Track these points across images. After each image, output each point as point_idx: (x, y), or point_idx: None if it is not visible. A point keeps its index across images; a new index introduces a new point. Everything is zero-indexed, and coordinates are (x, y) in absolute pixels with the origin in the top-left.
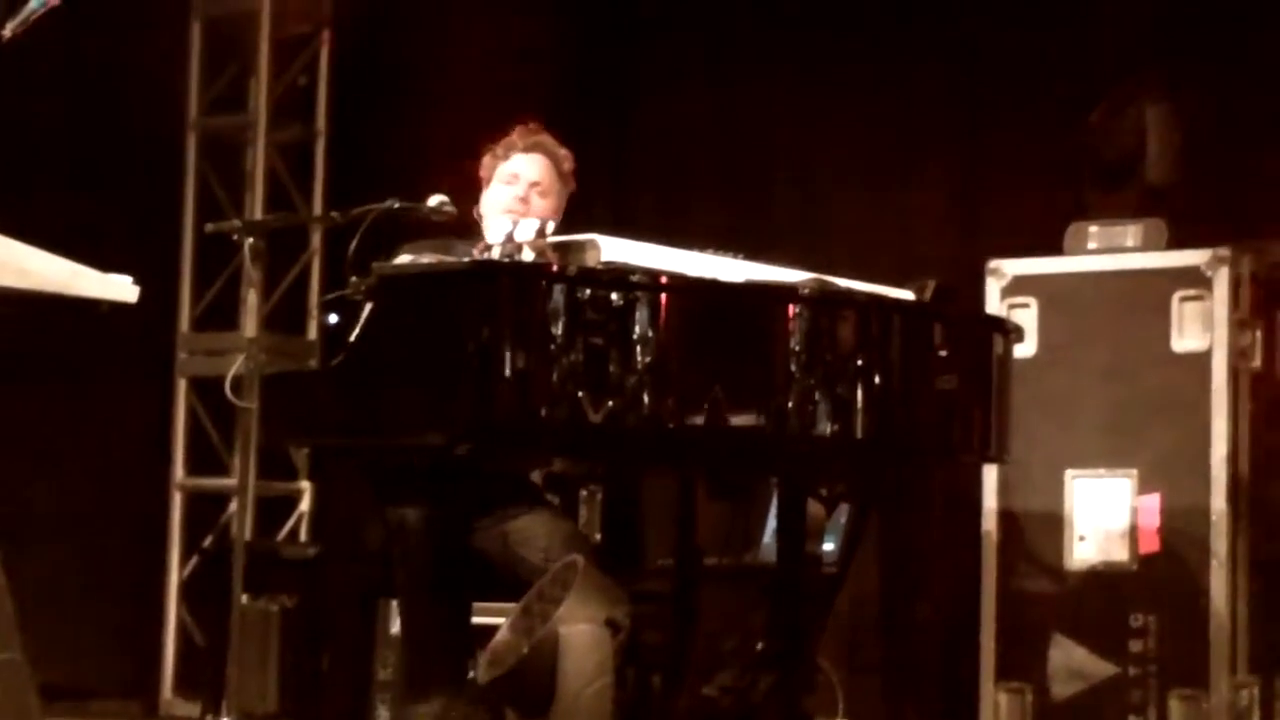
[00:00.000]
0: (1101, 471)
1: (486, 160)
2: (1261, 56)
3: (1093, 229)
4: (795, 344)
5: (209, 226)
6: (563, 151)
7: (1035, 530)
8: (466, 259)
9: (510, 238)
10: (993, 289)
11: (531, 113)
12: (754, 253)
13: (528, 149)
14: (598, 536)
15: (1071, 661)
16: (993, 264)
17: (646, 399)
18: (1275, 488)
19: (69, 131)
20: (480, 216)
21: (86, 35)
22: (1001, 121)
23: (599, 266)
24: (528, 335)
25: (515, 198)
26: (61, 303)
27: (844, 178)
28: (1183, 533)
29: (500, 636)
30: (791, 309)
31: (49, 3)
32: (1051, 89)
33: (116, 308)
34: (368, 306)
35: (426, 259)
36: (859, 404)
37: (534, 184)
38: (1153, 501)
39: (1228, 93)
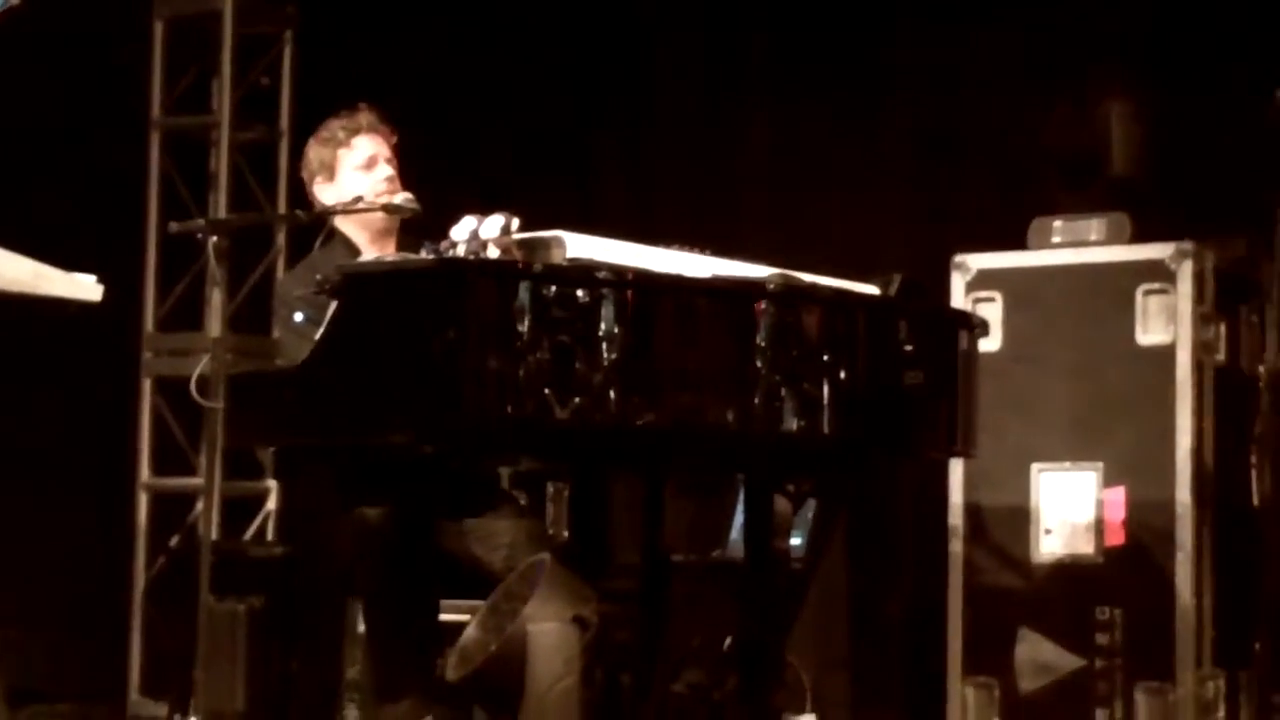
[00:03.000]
0: (1067, 465)
1: (322, 152)
2: (1222, 50)
3: (1057, 223)
4: (761, 340)
5: (173, 226)
6: (386, 126)
7: (1001, 524)
8: (415, 257)
9: (475, 235)
10: (958, 283)
11: (497, 114)
12: (720, 248)
13: (368, 130)
14: (565, 534)
15: (1038, 655)
16: (958, 258)
17: (613, 396)
18: (1239, 481)
19: (31, 131)
20: (337, 211)
21: (48, 34)
22: (966, 117)
23: (564, 263)
24: (493, 333)
25: (385, 179)
26: (25, 303)
27: (810, 172)
28: (1148, 526)
29: (468, 634)
30: (757, 305)
31: (9, 3)
32: (1015, 84)
33: (81, 307)
34: (333, 305)
35: (306, 279)
36: (825, 399)
37: (388, 160)
38: (1118, 495)
39: (1190, 87)
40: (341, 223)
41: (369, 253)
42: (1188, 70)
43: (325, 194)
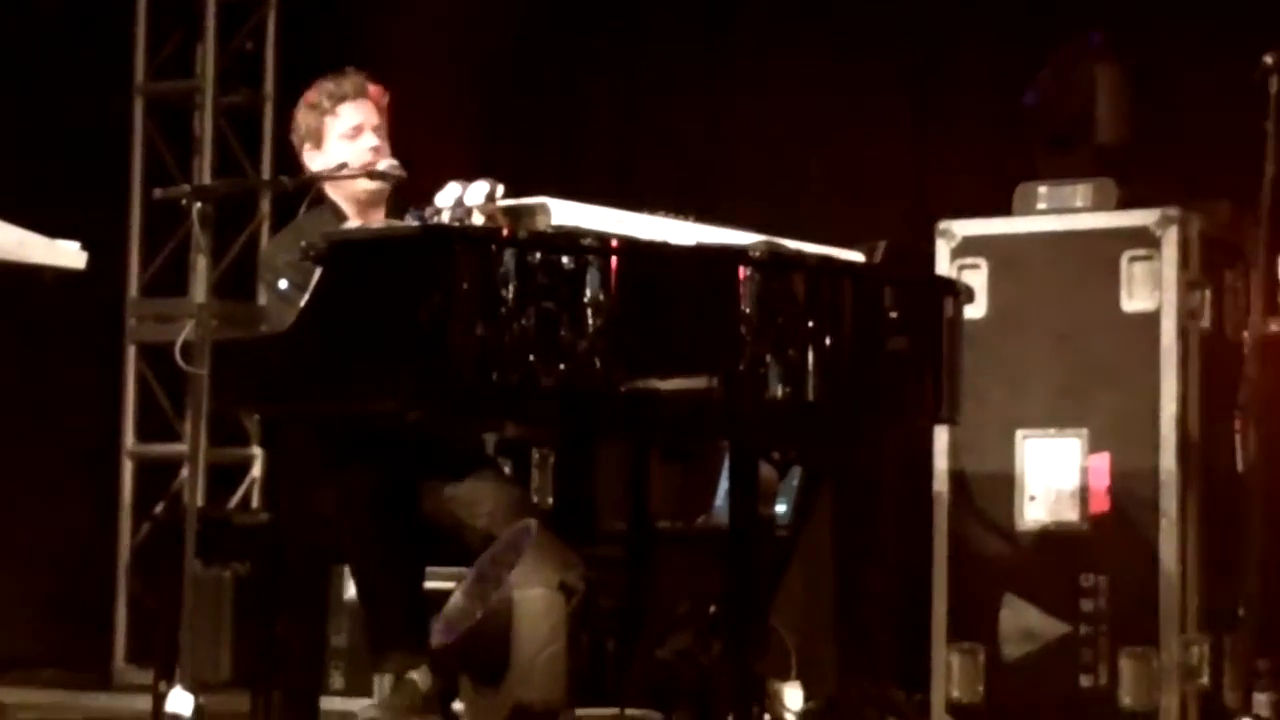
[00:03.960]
0: (1052, 432)
1: (309, 120)
2: (1208, 15)
3: (1041, 189)
4: (746, 307)
5: (157, 192)
6: (374, 86)
7: (986, 491)
8: (401, 224)
9: (460, 202)
10: (943, 250)
11: (481, 76)
12: (704, 214)
13: (354, 97)
14: (550, 500)
15: (1023, 621)
16: (943, 225)
17: (598, 362)
18: (1224, 447)
19: (13, 96)
20: (320, 177)
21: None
22: (952, 82)
23: (550, 230)
24: (479, 300)
25: (369, 149)
26: (8, 270)
27: (795, 139)
28: (1133, 492)
29: (453, 602)
30: (742, 272)
31: None
32: (1001, 50)
33: (64, 274)
34: (317, 272)
35: (293, 242)
36: (810, 366)
37: (375, 128)
38: (1102, 461)
39: (1175, 52)
40: (330, 189)
41: (355, 221)
42: (1173, 35)
43: (314, 161)
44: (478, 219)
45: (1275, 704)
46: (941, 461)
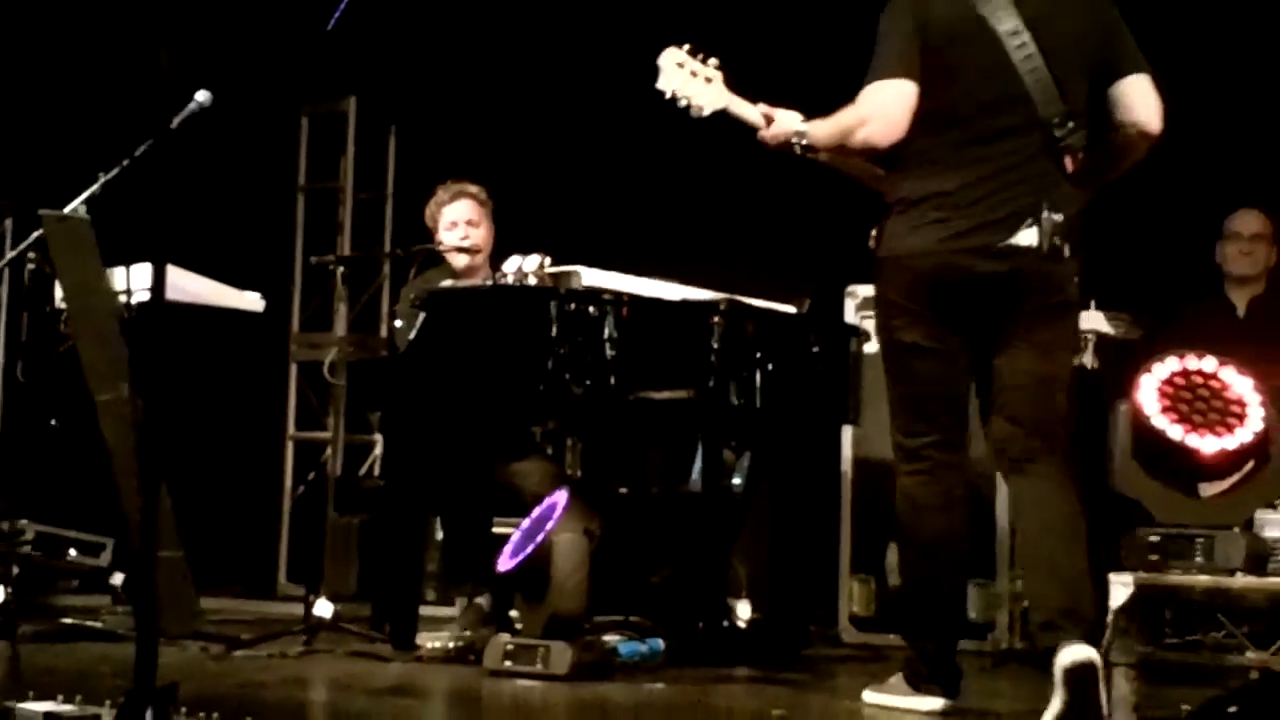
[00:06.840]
0: None
1: (430, 211)
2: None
3: None
4: (715, 343)
5: (313, 259)
6: (475, 188)
7: (878, 470)
8: (480, 284)
9: (519, 269)
10: (850, 305)
11: (527, 172)
12: (686, 278)
13: (454, 198)
14: (579, 473)
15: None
16: (850, 288)
17: (612, 379)
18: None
19: (213, 197)
20: (443, 251)
21: (228, 128)
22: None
23: (581, 289)
24: (531, 336)
25: (460, 238)
26: (209, 311)
27: (751, 222)
28: (982, 472)
29: (511, 542)
30: (712, 318)
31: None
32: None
33: (248, 315)
34: (421, 316)
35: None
36: (758, 384)
37: (469, 222)
38: None
39: None
40: (447, 255)
41: (461, 279)
42: None
43: (437, 238)
44: (531, 281)
45: None
46: (848, 450)
